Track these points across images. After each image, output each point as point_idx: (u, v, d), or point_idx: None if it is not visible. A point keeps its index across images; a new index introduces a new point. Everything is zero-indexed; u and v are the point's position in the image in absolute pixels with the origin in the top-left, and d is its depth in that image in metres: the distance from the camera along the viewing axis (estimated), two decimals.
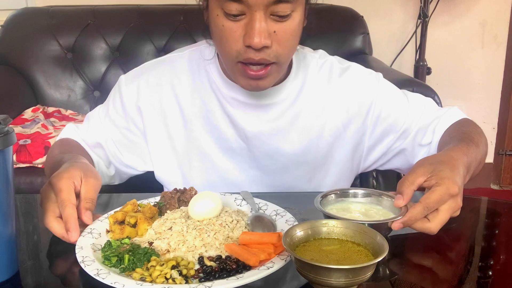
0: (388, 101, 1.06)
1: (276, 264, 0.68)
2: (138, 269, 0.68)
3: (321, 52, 1.12)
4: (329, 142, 1.07)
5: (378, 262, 0.61)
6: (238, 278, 0.65)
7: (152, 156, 1.09)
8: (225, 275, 0.66)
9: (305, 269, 0.62)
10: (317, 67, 1.07)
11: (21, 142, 1.85)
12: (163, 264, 0.69)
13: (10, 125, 0.67)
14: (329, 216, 0.75)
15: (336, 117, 1.06)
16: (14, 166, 0.70)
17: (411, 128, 1.05)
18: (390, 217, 0.76)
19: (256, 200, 0.89)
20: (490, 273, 0.73)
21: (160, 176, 1.11)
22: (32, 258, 0.76)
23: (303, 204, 0.85)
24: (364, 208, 0.81)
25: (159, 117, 1.07)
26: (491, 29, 2.81)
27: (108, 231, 0.78)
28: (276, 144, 1.05)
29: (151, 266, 0.69)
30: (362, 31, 2.38)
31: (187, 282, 0.66)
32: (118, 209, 0.82)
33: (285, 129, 1.05)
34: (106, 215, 0.81)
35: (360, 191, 0.84)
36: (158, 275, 0.66)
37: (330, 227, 0.70)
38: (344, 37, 2.37)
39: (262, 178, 1.07)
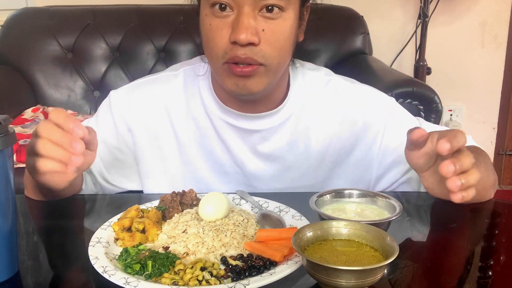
0: (398, 131, 0.99)
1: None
2: (165, 274, 0.67)
3: (325, 70, 1.05)
4: (329, 169, 1.03)
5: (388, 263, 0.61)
6: (271, 274, 0.66)
7: (142, 177, 1.04)
8: (254, 273, 0.67)
9: (314, 269, 0.62)
10: (321, 87, 1.02)
11: (21, 142, 1.85)
12: (192, 267, 0.68)
13: (10, 125, 0.67)
14: (323, 217, 0.75)
15: (339, 143, 1.01)
16: (14, 166, 0.69)
17: None
18: (386, 217, 0.76)
19: (255, 198, 0.89)
20: (490, 273, 0.73)
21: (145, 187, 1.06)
22: (32, 258, 0.76)
23: (298, 204, 0.85)
24: (359, 208, 0.81)
25: (152, 139, 1.02)
26: (491, 29, 2.81)
27: (116, 239, 0.77)
28: (273, 171, 1.02)
29: (179, 270, 0.67)
30: (362, 31, 2.39)
31: (220, 283, 0.65)
32: (118, 215, 0.81)
33: (282, 155, 1.01)
34: (107, 223, 0.79)
35: (355, 191, 0.83)
36: (190, 278, 0.65)
37: (351, 229, 0.70)
38: (344, 37, 2.37)
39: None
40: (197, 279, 0.65)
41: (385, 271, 0.68)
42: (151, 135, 1.02)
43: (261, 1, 0.83)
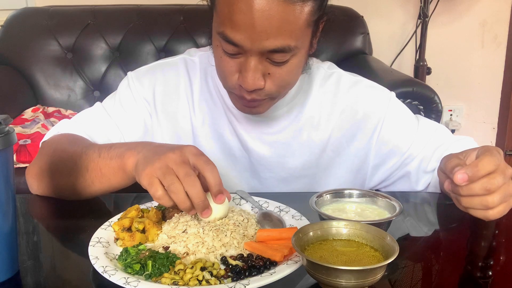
0: (396, 123, 1.03)
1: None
2: (166, 274, 0.67)
3: (329, 63, 1.09)
4: (331, 157, 1.05)
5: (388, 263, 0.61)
6: (271, 274, 0.66)
7: None
8: (254, 273, 0.67)
9: (314, 269, 0.62)
10: (324, 78, 1.05)
11: (21, 142, 1.85)
12: (192, 267, 0.68)
13: (10, 125, 0.67)
14: (323, 217, 0.75)
15: (341, 132, 1.03)
16: (14, 166, 0.69)
17: (416, 153, 1.02)
18: (386, 217, 0.76)
19: (255, 198, 0.89)
20: (490, 273, 0.73)
21: None
22: (32, 258, 0.76)
23: (298, 204, 0.85)
24: (359, 208, 0.82)
25: (170, 117, 1.04)
26: (491, 29, 2.81)
27: (116, 239, 0.77)
28: (277, 157, 1.04)
29: (179, 270, 0.67)
30: (362, 31, 2.39)
31: (220, 283, 0.65)
32: (118, 215, 0.81)
33: (287, 142, 1.03)
34: (107, 223, 0.79)
35: (355, 191, 0.84)
36: (190, 278, 0.65)
37: (351, 229, 0.70)
38: (344, 37, 2.37)
39: (262, 189, 1.06)
40: (197, 279, 0.65)
41: (385, 271, 0.68)
42: (169, 113, 1.05)
43: (268, 53, 0.83)
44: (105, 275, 0.65)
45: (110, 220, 0.80)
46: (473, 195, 0.74)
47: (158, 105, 1.04)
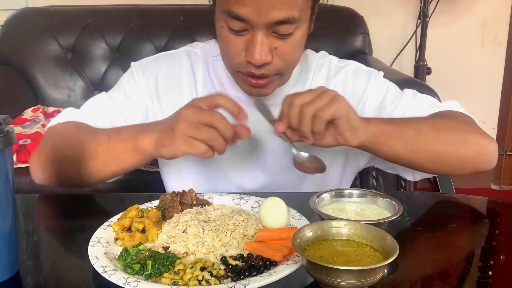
0: (378, 98, 1.06)
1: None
2: (165, 274, 0.67)
3: (322, 53, 1.13)
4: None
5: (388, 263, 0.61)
6: (271, 274, 0.66)
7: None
8: (254, 273, 0.67)
9: (314, 269, 0.62)
10: (318, 68, 1.09)
11: (21, 142, 1.85)
12: (192, 267, 0.68)
13: (10, 125, 0.67)
14: (323, 217, 0.75)
15: None
16: (14, 166, 0.69)
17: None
18: (386, 217, 0.76)
19: (256, 198, 0.89)
20: (490, 273, 0.73)
21: (160, 165, 1.12)
22: (32, 258, 0.76)
23: (298, 204, 0.85)
24: (359, 208, 0.82)
25: (173, 106, 1.03)
26: (491, 29, 2.81)
27: (116, 239, 0.77)
28: (278, 143, 1.05)
29: (179, 270, 0.67)
30: (362, 31, 2.38)
31: (220, 283, 0.65)
32: (118, 215, 0.81)
33: None
34: (107, 222, 0.79)
35: (355, 191, 0.84)
36: (190, 278, 0.65)
37: (351, 229, 0.70)
38: (344, 37, 2.37)
39: (265, 177, 1.07)
40: (197, 279, 0.65)
41: (385, 271, 0.68)
42: (170, 103, 1.06)
43: (274, 26, 0.86)
44: (105, 275, 0.65)
45: (110, 220, 0.80)
46: (294, 117, 0.83)
47: (161, 94, 1.06)
